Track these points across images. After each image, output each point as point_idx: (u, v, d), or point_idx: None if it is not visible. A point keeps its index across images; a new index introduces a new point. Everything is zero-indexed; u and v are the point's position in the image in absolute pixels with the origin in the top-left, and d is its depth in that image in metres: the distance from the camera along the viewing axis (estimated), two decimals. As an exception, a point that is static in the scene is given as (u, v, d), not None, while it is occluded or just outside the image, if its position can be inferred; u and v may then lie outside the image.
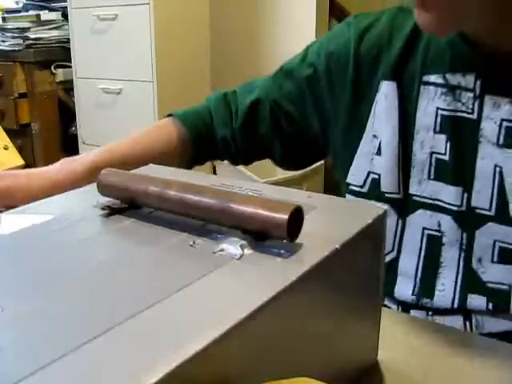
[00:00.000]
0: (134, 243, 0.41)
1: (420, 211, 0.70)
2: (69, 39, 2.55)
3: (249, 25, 2.97)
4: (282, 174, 2.31)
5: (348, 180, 0.75)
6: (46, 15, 2.60)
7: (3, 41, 2.58)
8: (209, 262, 0.36)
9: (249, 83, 0.87)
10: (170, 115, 0.83)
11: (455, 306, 0.69)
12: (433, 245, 0.70)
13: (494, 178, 0.65)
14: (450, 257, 0.69)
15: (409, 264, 0.71)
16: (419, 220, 0.70)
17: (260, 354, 0.33)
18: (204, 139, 0.81)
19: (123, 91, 2.41)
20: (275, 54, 2.93)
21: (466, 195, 0.67)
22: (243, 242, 0.38)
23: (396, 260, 0.72)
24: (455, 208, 0.67)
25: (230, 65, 3.03)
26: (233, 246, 0.38)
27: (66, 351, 0.27)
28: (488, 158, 0.65)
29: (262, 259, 0.37)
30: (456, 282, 0.69)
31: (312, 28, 2.78)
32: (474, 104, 0.65)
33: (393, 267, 0.72)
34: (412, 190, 0.70)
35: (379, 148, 0.71)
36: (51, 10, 2.65)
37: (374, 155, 0.72)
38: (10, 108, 2.57)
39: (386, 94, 0.70)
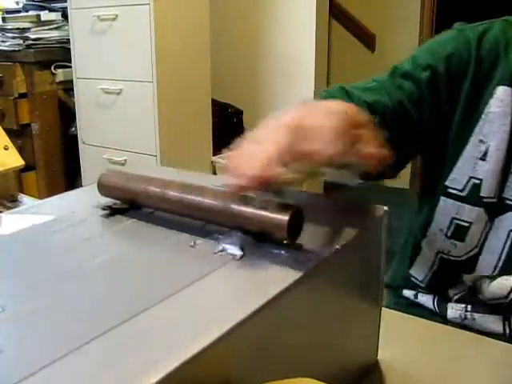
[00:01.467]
0: (134, 243, 0.41)
1: (510, 213, 0.71)
2: (69, 39, 2.55)
3: (249, 25, 2.97)
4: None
5: (447, 183, 0.75)
6: (46, 15, 2.60)
7: (3, 41, 2.58)
8: (209, 263, 0.37)
9: (357, 84, 0.76)
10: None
11: (510, 297, 0.70)
12: None
13: None
14: None
15: (488, 261, 0.73)
16: (508, 222, 0.72)
17: (260, 353, 0.33)
18: None
19: (123, 91, 2.41)
20: (275, 54, 2.93)
21: None
22: (244, 242, 0.38)
23: (477, 255, 0.74)
24: None
25: (230, 65, 3.03)
26: (233, 247, 0.38)
27: (66, 351, 0.27)
28: None
29: (263, 260, 0.37)
30: None
31: (312, 28, 2.78)
32: None
33: (473, 261, 0.74)
34: (506, 195, 0.71)
35: (485, 153, 0.72)
36: (51, 10, 2.65)
37: (478, 160, 0.72)
38: (10, 108, 2.56)
39: (502, 99, 0.71)
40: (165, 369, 0.26)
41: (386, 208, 0.45)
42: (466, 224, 0.74)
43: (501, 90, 0.70)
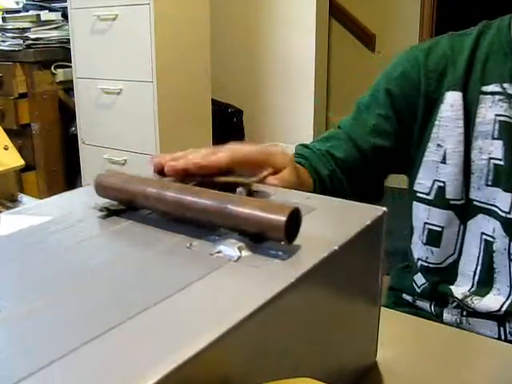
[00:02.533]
0: (131, 245, 0.41)
1: (480, 216, 0.72)
2: (69, 39, 2.55)
3: (249, 25, 2.97)
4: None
5: (415, 188, 0.77)
6: (46, 15, 2.60)
7: (3, 41, 2.58)
8: (206, 264, 0.36)
9: (320, 136, 0.84)
10: None
11: (503, 309, 0.71)
12: (488, 250, 0.72)
13: None
14: (501, 264, 0.71)
15: (468, 266, 0.74)
16: (478, 225, 0.72)
17: (259, 354, 0.33)
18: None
19: (123, 91, 2.41)
20: (275, 55, 2.93)
21: None
22: (241, 243, 0.38)
23: (456, 262, 0.75)
24: (503, 214, 0.69)
25: (230, 65, 3.03)
26: (230, 248, 0.38)
27: (65, 352, 0.27)
28: None
29: (260, 261, 0.37)
30: (510, 289, 0.71)
31: (312, 28, 2.78)
32: None
33: (453, 268, 0.75)
34: (472, 196, 0.72)
35: (444, 156, 0.73)
36: (51, 10, 2.65)
37: (439, 163, 0.74)
38: (10, 108, 2.56)
39: (452, 103, 0.73)
40: (163, 369, 0.26)
41: (385, 208, 0.45)
42: (439, 228, 0.75)
43: (450, 95, 0.73)
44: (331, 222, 0.45)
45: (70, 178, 2.75)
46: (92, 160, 2.59)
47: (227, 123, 2.85)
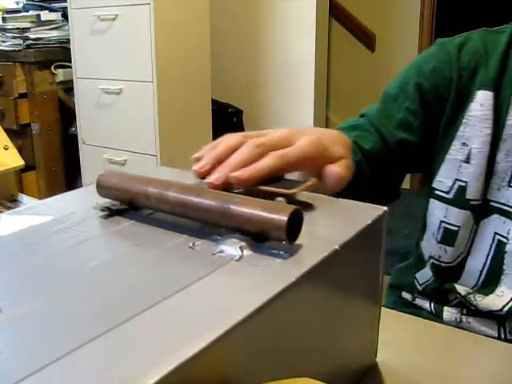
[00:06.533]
0: (133, 244, 0.41)
1: (495, 216, 0.72)
2: (69, 39, 2.55)
3: (249, 25, 2.97)
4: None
5: (434, 185, 0.76)
6: (46, 15, 2.60)
7: (3, 41, 2.59)
8: (208, 264, 0.36)
9: (346, 123, 0.79)
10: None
11: (505, 309, 0.70)
12: (499, 250, 0.71)
13: None
14: (511, 266, 0.71)
15: (475, 264, 0.74)
16: (492, 224, 0.72)
17: (259, 354, 0.33)
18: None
19: (123, 91, 2.41)
20: (275, 54, 2.94)
21: None
22: (242, 243, 0.38)
23: (464, 259, 0.75)
24: None
25: (230, 65, 3.03)
26: (232, 248, 0.38)
27: (65, 352, 0.27)
28: None
29: (262, 260, 0.37)
30: None
31: (312, 28, 2.79)
32: None
33: (461, 266, 0.75)
34: (490, 196, 0.72)
35: (468, 156, 0.72)
36: (51, 10, 2.65)
37: (462, 163, 0.73)
38: (10, 108, 2.57)
39: (482, 103, 0.72)
40: (164, 369, 0.26)
41: (385, 208, 0.45)
42: (455, 228, 0.74)
43: (480, 95, 0.72)
44: (332, 222, 0.45)
45: (70, 177, 2.75)
46: (92, 160, 2.59)
47: (227, 123, 2.85)
